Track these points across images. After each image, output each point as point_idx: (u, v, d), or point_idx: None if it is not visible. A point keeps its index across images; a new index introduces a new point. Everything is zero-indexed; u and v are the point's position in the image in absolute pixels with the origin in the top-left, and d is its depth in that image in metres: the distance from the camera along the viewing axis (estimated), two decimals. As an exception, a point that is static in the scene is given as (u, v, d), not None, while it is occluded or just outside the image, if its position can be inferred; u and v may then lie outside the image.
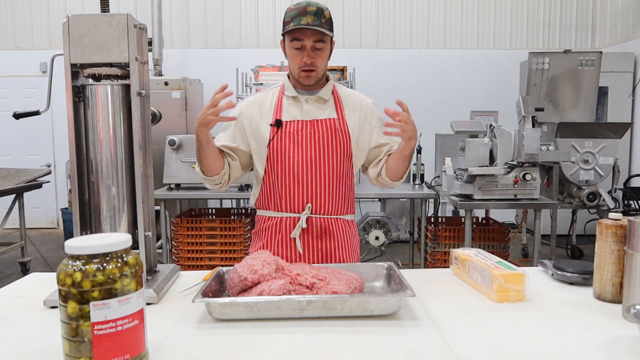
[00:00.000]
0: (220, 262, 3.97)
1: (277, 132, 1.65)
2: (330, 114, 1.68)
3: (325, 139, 1.65)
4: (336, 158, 1.66)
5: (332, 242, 1.69)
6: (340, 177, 1.68)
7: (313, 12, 1.55)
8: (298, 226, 1.66)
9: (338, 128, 1.67)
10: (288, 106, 1.69)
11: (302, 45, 1.59)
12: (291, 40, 1.60)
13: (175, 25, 6.68)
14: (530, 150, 3.42)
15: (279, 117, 1.67)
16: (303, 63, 1.60)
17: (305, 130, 1.65)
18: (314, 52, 1.60)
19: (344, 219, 1.74)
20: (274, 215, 1.70)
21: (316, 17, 1.55)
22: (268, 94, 1.74)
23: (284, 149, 1.65)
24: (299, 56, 1.61)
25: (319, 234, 1.68)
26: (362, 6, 6.70)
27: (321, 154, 1.65)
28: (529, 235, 5.53)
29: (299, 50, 1.60)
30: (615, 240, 1.25)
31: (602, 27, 6.69)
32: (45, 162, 6.69)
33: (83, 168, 1.39)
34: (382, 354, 1.00)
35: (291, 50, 1.62)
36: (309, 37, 1.57)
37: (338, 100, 1.72)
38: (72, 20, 1.31)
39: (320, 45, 1.59)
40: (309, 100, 1.68)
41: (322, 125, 1.66)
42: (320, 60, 1.62)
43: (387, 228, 4.29)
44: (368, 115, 1.73)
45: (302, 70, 1.62)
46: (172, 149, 4.03)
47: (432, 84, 6.74)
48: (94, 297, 0.85)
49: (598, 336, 1.08)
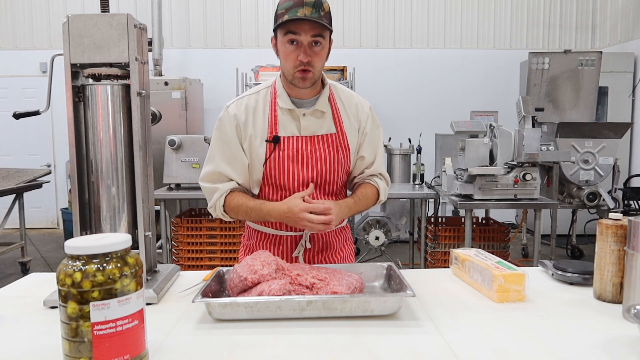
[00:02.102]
0: (220, 262, 3.97)
1: (274, 150, 1.49)
2: (330, 129, 1.54)
3: (326, 157, 1.51)
4: (337, 174, 1.55)
5: (332, 253, 1.64)
6: (340, 191, 1.62)
7: (311, 3, 1.35)
8: (300, 245, 1.56)
9: (338, 144, 1.54)
10: (284, 120, 1.51)
11: (298, 41, 1.39)
12: (285, 34, 1.39)
13: (175, 25, 6.68)
14: (530, 150, 3.42)
15: (275, 132, 1.49)
16: (299, 61, 1.40)
17: (305, 148, 1.50)
18: (311, 50, 1.40)
19: (340, 226, 1.68)
20: (272, 232, 1.58)
21: (314, 9, 1.35)
22: (258, 99, 1.54)
23: (282, 169, 1.50)
24: (294, 53, 1.41)
25: (320, 248, 1.60)
26: (362, 6, 6.70)
27: (322, 172, 1.51)
28: (529, 235, 5.54)
29: (294, 46, 1.40)
30: (615, 240, 1.25)
31: (602, 27, 6.69)
32: (45, 162, 6.69)
33: (83, 168, 1.39)
34: (382, 354, 1.00)
35: (285, 46, 1.41)
36: (306, 32, 1.37)
37: (336, 110, 1.56)
38: (72, 20, 1.31)
39: (319, 40, 1.40)
40: (306, 114, 1.51)
41: (323, 142, 1.52)
42: (318, 59, 1.43)
43: (387, 228, 4.29)
44: (363, 123, 1.59)
45: (297, 70, 1.42)
46: (172, 149, 4.03)
47: (432, 84, 6.74)
48: (94, 297, 0.85)
49: (598, 336, 1.08)
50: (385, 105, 6.60)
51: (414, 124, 6.30)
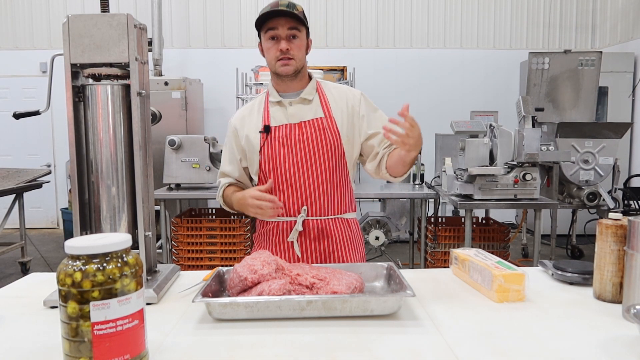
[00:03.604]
0: (220, 262, 3.97)
1: (267, 139, 1.66)
2: (317, 114, 1.67)
3: (314, 139, 1.64)
4: (328, 157, 1.65)
5: (331, 243, 1.68)
6: (334, 176, 1.67)
7: (285, 4, 1.56)
8: (294, 230, 1.66)
9: (326, 127, 1.65)
10: (274, 112, 1.68)
11: (277, 35, 1.58)
12: (265, 32, 1.60)
13: (175, 25, 6.69)
14: (530, 150, 3.42)
15: (267, 123, 1.67)
16: (279, 51, 1.58)
17: (294, 133, 1.65)
18: (289, 41, 1.58)
19: (343, 218, 1.71)
20: (271, 219, 1.69)
21: (288, 8, 1.56)
22: (255, 103, 1.75)
23: (274, 155, 1.65)
24: (274, 46, 1.59)
25: (317, 235, 1.67)
26: (362, 6, 6.70)
27: (312, 155, 1.64)
28: (529, 235, 5.54)
29: (274, 41, 1.59)
30: (615, 240, 1.25)
31: (602, 27, 6.69)
32: (45, 162, 6.69)
33: (83, 168, 1.39)
34: (382, 354, 1.00)
35: (267, 43, 1.61)
36: (282, 26, 1.57)
37: (323, 98, 1.70)
38: (72, 20, 1.31)
39: (295, 33, 1.58)
40: (292, 103, 1.67)
41: (310, 126, 1.65)
42: (296, 49, 1.60)
43: (387, 228, 4.29)
44: (356, 107, 1.70)
45: (278, 59, 1.60)
46: (172, 149, 4.03)
47: (432, 84, 6.74)
48: (94, 297, 0.85)
49: (598, 336, 1.08)
50: (385, 106, 6.47)
51: (414, 124, 6.29)
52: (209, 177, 4.02)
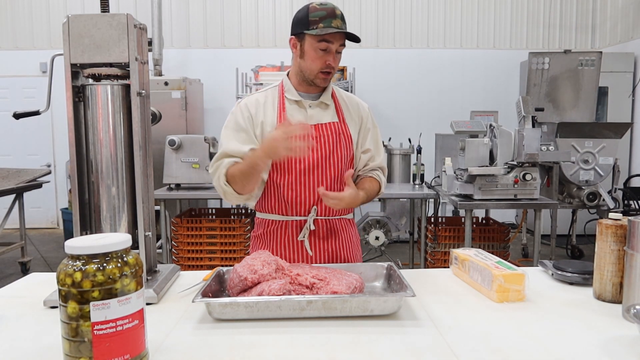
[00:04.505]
0: (220, 262, 3.97)
1: None
2: (333, 118, 1.70)
3: (330, 142, 1.66)
4: (340, 160, 1.67)
5: (338, 242, 1.71)
6: (342, 178, 1.68)
7: (340, 15, 1.58)
8: (305, 229, 1.65)
9: (340, 131, 1.68)
10: (292, 110, 1.67)
11: (329, 48, 1.58)
12: (318, 41, 1.57)
13: (175, 25, 6.68)
14: (530, 150, 3.42)
15: (284, 119, 1.63)
16: (326, 65, 1.59)
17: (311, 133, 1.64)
18: (336, 56, 1.62)
19: (345, 218, 1.76)
20: (278, 218, 1.69)
21: (343, 22, 1.58)
22: (268, 95, 1.70)
23: None
24: (323, 58, 1.59)
25: (325, 234, 1.69)
26: (362, 6, 6.70)
27: (326, 157, 1.65)
28: (529, 235, 5.53)
29: (324, 52, 1.58)
30: (615, 240, 1.25)
31: (602, 27, 6.69)
32: (45, 162, 6.69)
33: (83, 168, 1.39)
34: (382, 354, 1.00)
35: (315, 51, 1.58)
36: (337, 41, 1.59)
37: (338, 104, 1.74)
38: (72, 20, 1.31)
39: (342, 49, 1.63)
40: (312, 106, 1.68)
41: (327, 129, 1.67)
42: (338, 63, 1.64)
43: (387, 228, 4.29)
44: (364, 119, 1.76)
45: (321, 71, 1.61)
46: (172, 149, 4.03)
47: (432, 84, 6.74)
48: (94, 297, 0.85)
49: (598, 336, 1.08)
50: (385, 105, 6.60)
51: (414, 124, 6.30)
52: (209, 177, 4.01)
